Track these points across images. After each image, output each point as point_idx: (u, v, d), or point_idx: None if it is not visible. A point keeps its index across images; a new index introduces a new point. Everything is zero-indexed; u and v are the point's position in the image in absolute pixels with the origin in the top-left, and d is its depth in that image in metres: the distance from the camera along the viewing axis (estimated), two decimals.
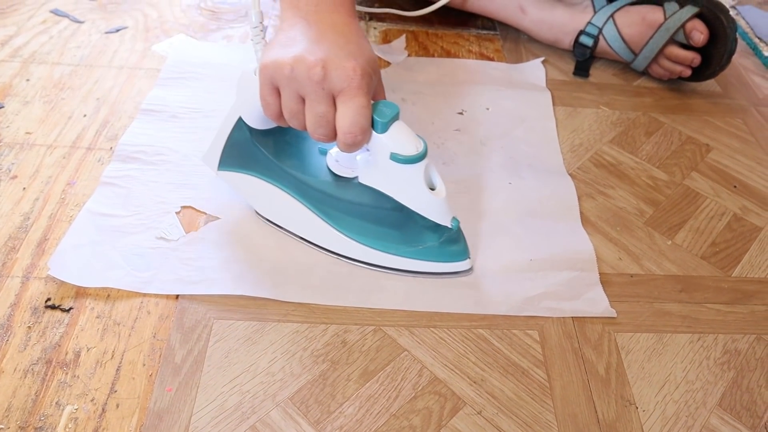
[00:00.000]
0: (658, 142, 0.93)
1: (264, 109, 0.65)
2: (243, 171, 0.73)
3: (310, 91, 0.60)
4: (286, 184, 0.71)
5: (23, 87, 0.93)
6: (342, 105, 0.60)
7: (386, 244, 0.70)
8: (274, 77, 0.61)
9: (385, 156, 0.64)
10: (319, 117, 0.61)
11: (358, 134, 0.61)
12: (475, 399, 0.61)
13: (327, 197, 0.71)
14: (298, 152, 0.74)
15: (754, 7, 1.28)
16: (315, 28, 0.63)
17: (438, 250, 0.70)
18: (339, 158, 0.71)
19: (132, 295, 0.67)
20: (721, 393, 0.64)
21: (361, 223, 0.70)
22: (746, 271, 0.76)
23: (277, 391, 0.60)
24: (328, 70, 0.59)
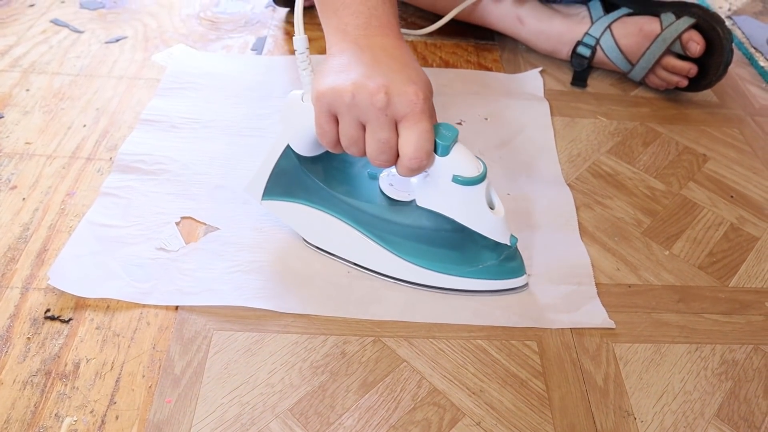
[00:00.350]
0: (655, 152, 0.94)
1: (320, 137, 0.64)
2: (290, 200, 0.72)
3: (373, 117, 0.59)
4: (338, 211, 0.71)
5: (23, 97, 0.93)
6: (406, 130, 0.60)
7: (446, 266, 0.70)
8: (333, 104, 0.60)
9: (447, 178, 0.63)
10: (382, 143, 0.60)
11: (423, 159, 0.60)
12: (474, 410, 0.61)
13: (382, 222, 0.70)
14: (348, 178, 0.73)
15: (750, 17, 1.29)
16: (368, 53, 0.62)
17: (497, 268, 0.70)
18: (393, 182, 0.70)
19: (131, 306, 0.67)
20: (719, 403, 0.64)
21: (420, 246, 0.70)
22: (743, 281, 0.76)
23: (276, 403, 0.61)
24: (391, 96, 0.58)
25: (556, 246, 0.77)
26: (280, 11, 1.19)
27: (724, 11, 1.32)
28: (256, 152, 0.86)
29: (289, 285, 0.70)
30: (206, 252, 0.73)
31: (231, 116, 0.92)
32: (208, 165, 0.84)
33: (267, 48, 1.08)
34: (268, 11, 1.18)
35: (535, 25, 1.08)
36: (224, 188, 0.81)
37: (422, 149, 0.60)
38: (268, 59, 1.05)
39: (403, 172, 0.62)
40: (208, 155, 0.85)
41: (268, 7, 1.19)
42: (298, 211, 0.72)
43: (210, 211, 0.78)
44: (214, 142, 0.87)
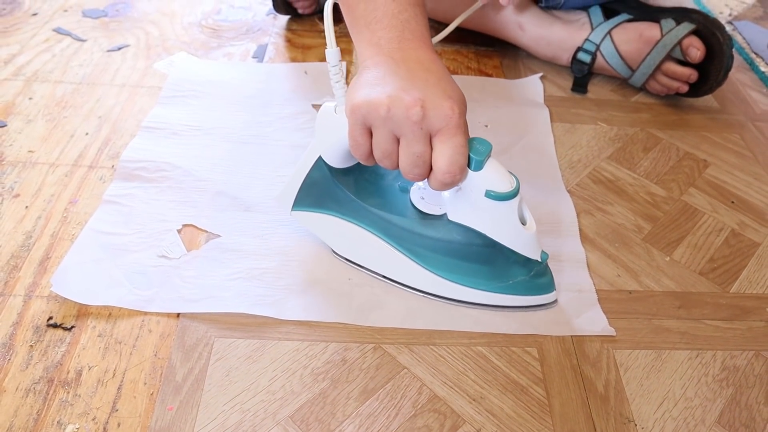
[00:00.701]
0: (656, 158, 0.94)
1: (354, 149, 0.63)
2: (321, 210, 0.72)
3: (408, 131, 0.59)
4: (369, 223, 0.71)
5: (26, 105, 0.94)
6: (441, 144, 0.59)
7: (476, 281, 0.69)
8: (368, 117, 0.60)
9: (480, 193, 0.63)
10: (416, 157, 0.60)
11: (457, 173, 0.60)
12: (474, 417, 0.61)
13: (413, 235, 0.70)
14: (379, 190, 0.73)
15: (751, 23, 1.29)
16: (403, 66, 0.61)
17: (528, 283, 0.70)
18: (425, 195, 0.70)
19: (133, 314, 0.68)
20: (720, 410, 0.64)
21: (450, 260, 0.69)
22: (744, 287, 0.76)
23: (277, 410, 0.61)
24: (427, 110, 0.58)
25: (556, 253, 0.77)
26: (281, 19, 1.19)
27: (724, 16, 1.32)
28: (257, 159, 0.87)
29: (290, 292, 0.71)
30: (208, 259, 0.73)
31: (232, 124, 0.92)
32: (209, 172, 0.84)
33: (268, 55, 1.09)
34: (269, 19, 1.19)
35: (535, 31, 1.08)
36: (225, 195, 0.81)
37: (456, 164, 0.59)
38: (268, 67, 1.06)
39: (436, 186, 0.62)
40: (209, 162, 0.85)
41: (270, 15, 1.20)
42: (328, 222, 0.72)
43: (211, 218, 0.78)
44: (215, 149, 0.88)
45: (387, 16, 0.63)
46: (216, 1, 1.23)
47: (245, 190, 0.82)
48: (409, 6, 0.63)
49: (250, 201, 0.81)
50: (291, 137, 0.91)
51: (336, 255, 0.75)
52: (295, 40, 1.13)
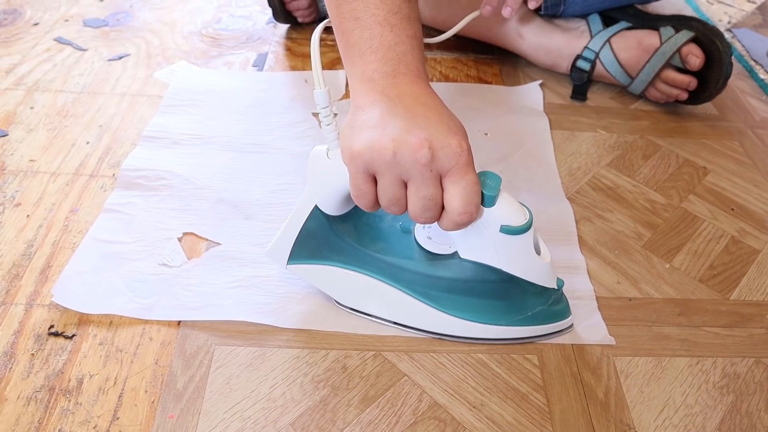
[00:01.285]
0: (655, 165, 0.94)
1: (357, 198, 0.60)
2: (320, 262, 0.68)
3: (417, 174, 0.55)
4: (374, 270, 0.67)
5: (27, 115, 0.94)
6: (453, 185, 0.56)
7: (495, 317, 0.67)
8: (372, 164, 0.56)
9: (495, 229, 0.61)
10: (428, 200, 0.57)
11: (474, 213, 0.57)
12: (474, 424, 0.61)
13: (423, 277, 0.67)
14: (381, 233, 0.70)
15: (750, 30, 1.29)
16: (400, 104, 0.57)
17: (546, 312, 0.68)
18: (432, 235, 0.67)
19: (134, 322, 0.68)
20: (721, 417, 0.64)
21: (465, 299, 0.67)
22: (744, 294, 0.76)
23: (278, 417, 0.61)
24: (435, 150, 0.54)
25: (556, 261, 0.77)
26: (281, 28, 1.19)
27: (723, 24, 1.32)
28: (257, 167, 0.87)
29: (289, 300, 0.71)
30: (208, 267, 0.74)
31: (232, 132, 0.93)
32: (209, 180, 0.84)
33: (268, 64, 1.09)
34: (269, 28, 1.19)
35: (534, 39, 1.09)
36: (225, 203, 0.81)
37: (471, 203, 0.57)
38: (268, 75, 1.06)
39: (450, 227, 0.59)
40: (209, 170, 0.86)
41: (269, 24, 1.20)
42: (328, 273, 0.69)
43: (211, 226, 0.78)
44: (215, 158, 0.88)
45: (383, 47, 0.59)
46: (216, 11, 1.24)
47: (245, 198, 0.82)
48: (407, 38, 0.60)
49: (250, 209, 0.81)
50: (291, 146, 0.91)
51: (340, 306, 0.71)
52: (295, 49, 1.14)
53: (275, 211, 0.81)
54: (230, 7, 1.26)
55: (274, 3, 1.14)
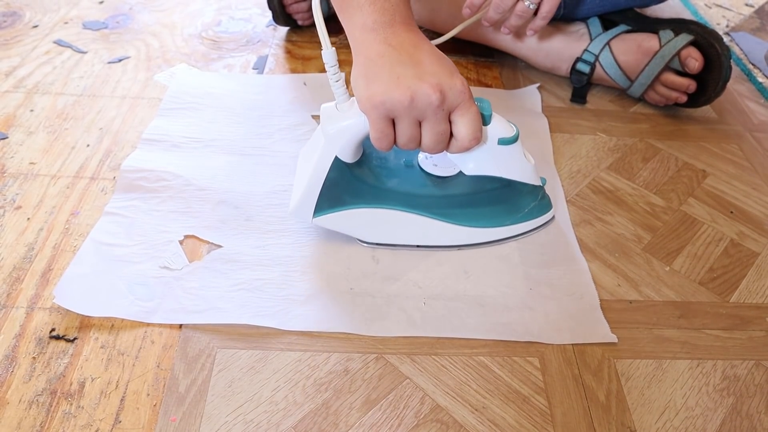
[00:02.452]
0: (655, 168, 0.94)
1: (378, 140, 0.67)
2: (343, 208, 0.75)
3: (431, 114, 0.65)
4: (393, 203, 0.75)
5: (27, 117, 0.94)
6: (461, 117, 0.66)
7: (500, 220, 0.78)
8: (392, 110, 0.64)
9: (493, 143, 0.72)
10: (441, 134, 0.67)
11: (480, 137, 0.68)
12: (476, 426, 0.62)
13: (437, 199, 0.76)
14: (391, 172, 0.78)
15: (748, 34, 1.30)
16: (404, 53, 0.65)
17: (538, 207, 0.80)
18: (437, 162, 0.77)
19: (136, 325, 0.68)
20: (721, 419, 0.64)
21: (475, 210, 0.77)
22: (744, 297, 0.76)
23: (280, 420, 0.61)
24: (445, 92, 0.64)
25: (556, 263, 0.78)
26: (281, 30, 1.20)
27: (721, 28, 1.33)
28: (257, 170, 0.87)
29: (291, 303, 0.71)
30: (209, 270, 0.74)
31: (232, 135, 0.93)
32: (210, 182, 0.84)
33: (268, 67, 1.09)
34: (269, 30, 1.19)
35: (534, 42, 1.09)
36: (226, 205, 0.81)
37: (478, 129, 0.68)
38: (267, 78, 1.06)
39: (459, 152, 0.70)
40: (210, 173, 0.86)
41: (269, 26, 1.20)
42: (352, 216, 0.75)
43: (212, 228, 0.78)
44: (215, 160, 0.88)
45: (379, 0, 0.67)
46: (216, 13, 1.24)
47: (246, 200, 0.82)
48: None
49: (251, 211, 0.81)
50: (291, 148, 0.91)
51: (363, 243, 0.78)
52: (295, 52, 1.14)
53: (276, 212, 0.81)
54: (230, 9, 1.26)
55: (274, 6, 1.14)
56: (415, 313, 0.71)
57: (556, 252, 0.80)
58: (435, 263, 0.77)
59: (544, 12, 0.97)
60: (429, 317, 0.71)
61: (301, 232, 0.79)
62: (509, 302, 0.73)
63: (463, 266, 0.77)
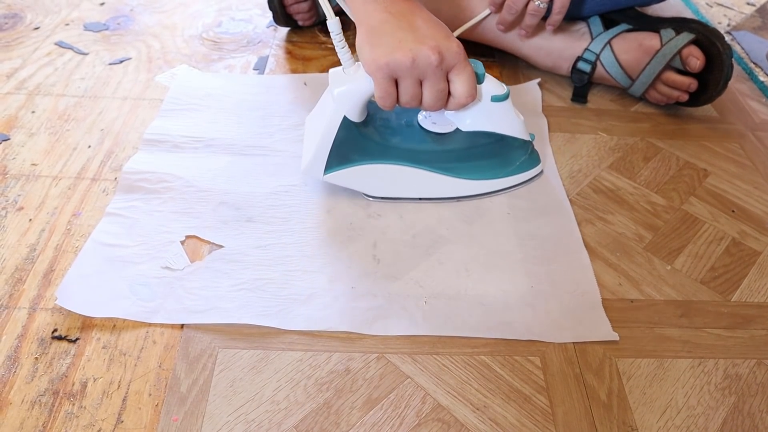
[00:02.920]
0: (656, 168, 0.94)
1: (383, 100, 0.74)
2: (351, 165, 0.81)
3: (431, 74, 0.72)
4: (396, 158, 0.82)
5: (29, 119, 0.94)
6: (458, 77, 0.74)
7: (495, 172, 0.85)
8: (396, 71, 0.72)
9: (487, 100, 0.79)
10: (440, 92, 0.74)
11: (475, 94, 0.76)
12: (478, 426, 0.62)
13: (436, 154, 0.83)
14: (394, 130, 0.84)
15: (749, 33, 1.30)
16: (404, 20, 0.73)
17: (527, 161, 0.87)
18: (436, 120, 0.84)
19: (137, 325, 0.68)
20: (723, 418, 0.64)
21: (471, 164, 0.84)
22: (746, 296, 0.76)
23: (282, 420, 0.61)
24: (443, 53, 0.71)
25: (558, 260, 0.78)
26: (282, 31, 1.20)
27: (722, 26, 1.33)
28: (258, 170, 0.87)
29: (293, 302, 0.71)
30: (211, 270, 0.74)
31: (233, 136, 0.93)
32: (211, 183, 0.84)
33: (269, 67, 1.09)
34: (269, 31, 1.20)
35: (535, 41, 1.09)
36: (227, 206, 0.82)
37: (473, 87, 0.75)
38: (267, 78, 1.06)
39: (456, 109, 0.78)
40: (211, 173, 0.86)
41: (270, 27, 1.21)
42: (359, 172, 0.82)
43: (214, 229, 0.78)
44: (217, 161, 0.88)
45: None
46: (217, 14, 1.24)
47: (247, 201, 0.82)
48: None
49: (252, 212, 0.81)
50: (292, 148, 0.91)
51: (369, 198, 0.85)
52: (295, 52, 1.14)
53: (277, 212, 0.81)
54: (231, 10, 1.26)
55: (274, 6, 1.14)
56: (416, 312, 0.71)
57: (558, 247, 0.80)
58: (436, 262, 0.77)
59: (558, 6, 1.00)
60: (430, 316, 0.71)
61: (302, 232, 0.79)
62: (510, 300, 0.73)
63: (464, 264, 0.77)
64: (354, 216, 0.82)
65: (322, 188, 0.85)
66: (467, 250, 0.79)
